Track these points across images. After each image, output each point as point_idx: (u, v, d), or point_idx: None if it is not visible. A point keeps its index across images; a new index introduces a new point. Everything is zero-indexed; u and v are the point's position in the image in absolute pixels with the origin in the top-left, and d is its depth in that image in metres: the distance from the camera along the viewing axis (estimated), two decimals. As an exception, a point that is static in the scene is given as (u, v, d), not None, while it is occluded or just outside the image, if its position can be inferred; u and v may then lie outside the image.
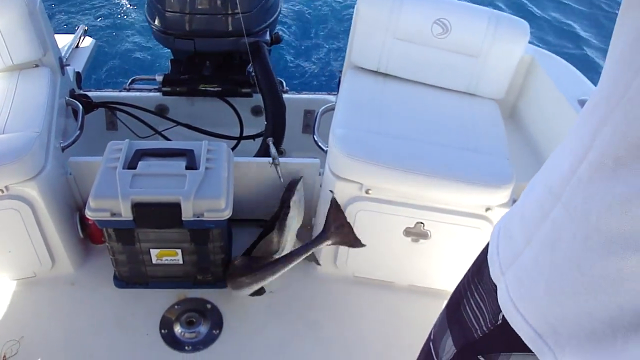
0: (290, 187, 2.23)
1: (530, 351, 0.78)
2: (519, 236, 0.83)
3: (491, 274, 0.88)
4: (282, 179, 2.24)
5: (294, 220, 2.22)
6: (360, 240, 2.05)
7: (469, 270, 1.00)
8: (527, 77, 2.65)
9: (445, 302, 1.08)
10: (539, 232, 0.77)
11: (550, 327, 0.74)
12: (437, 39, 2.33)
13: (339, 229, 2.04)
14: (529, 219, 0.81)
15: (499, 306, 0.84)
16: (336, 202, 2.04)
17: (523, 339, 0.79)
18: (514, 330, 0.81)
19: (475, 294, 0.93)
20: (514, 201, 2.05)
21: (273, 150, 2.24)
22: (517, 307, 0.80)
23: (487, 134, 2.23)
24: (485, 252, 0.93)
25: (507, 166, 2.05)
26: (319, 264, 2.32)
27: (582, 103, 2.30)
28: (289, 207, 2.18)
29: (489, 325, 0.88)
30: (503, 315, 0.84)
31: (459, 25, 2.31)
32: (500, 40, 2.30)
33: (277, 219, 2.18)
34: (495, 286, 0.86)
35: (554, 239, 0.73)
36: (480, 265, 0.93)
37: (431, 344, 1.09)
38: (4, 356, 1.99)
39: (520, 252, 0.81)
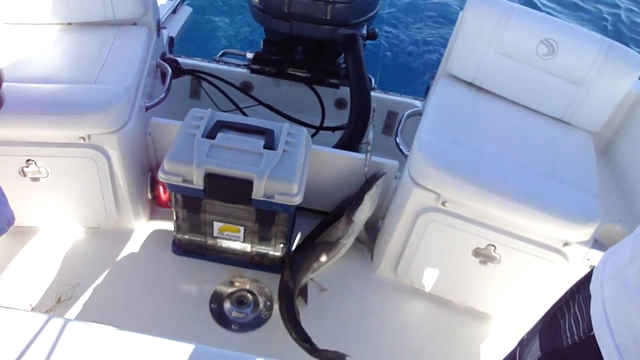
0: (370, 180, 2.18)
1: None
2: (626, 252, 0.85)
3: (591, 284, 0.90)
4: (367, 168, 2.19)
5: (363, 214, 2.16)
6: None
7: (576, 282, 1.01)
8: (630, 113, 2.49)
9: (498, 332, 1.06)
10: None
11: (637, 348, 0.74)
12: (541, 59, 2.22)
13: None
14: None
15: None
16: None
17: (602, 353, 0.79)
18: None
19: (576, 304, 0.94)
20: (596, 241, 1.94)
21: (371, 134, 2.19)
22: (608, 320, 0.81)
23: (576, 166, 2.10)
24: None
25: (593, 203, 1.93)
26: (372, 257, 2.33)
27: None
28: (361, 199, 2.13)
29: (581, 335, 0.88)
30: None
31: (567, 48, 2.19)
32: (608, 70, 2.17)
33: (346, 207, 2.14)
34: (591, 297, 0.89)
35: None
36: (587, 278, 0.95)
37: (518, 348, 1.08)
38: (59, 298, 2.03)
39: (623, 268, 0.83)
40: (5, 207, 1.62)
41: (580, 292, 0.94)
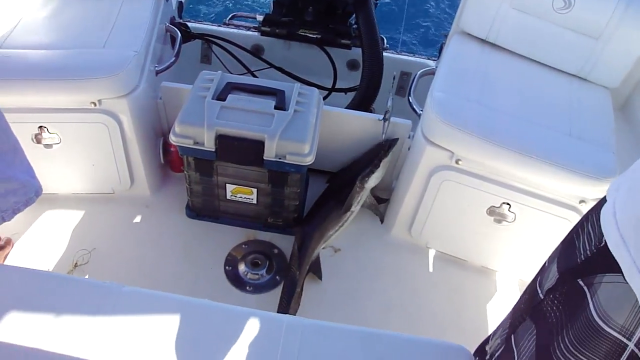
0: (385, 147, 2.17)
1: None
2: None
3: (607, 191, 0.92)
4: (384, 136, 2.19)
5: (375, 180, 2.16)
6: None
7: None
8: None
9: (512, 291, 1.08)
10: None
11: (637, 233, 0.77)
12: (557, 13, 2.15)
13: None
14: None
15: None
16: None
17: (609, 245, 0.82)
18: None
19: (589, 223, 0.95)
20: (613, 198, 1.91)
21: (390, 103, 2.15)
22: (615, 213, 0.84)
23: (593, 123, 2.06)
24: None
25: (611, 160, 1.89)
26: (382, 220, 2.35)
27: None
28: (377, 166, 2.13)
29: (593, 249, 0.90)
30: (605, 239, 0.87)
31: (584, 0, 2.13)
32: (627, 23, 2.10)
33: (357, 175, 2.14)
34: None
35: None
36: (602, 201, 0.96)
37: (538, 276, 1.10)
38: (76, 263, 2.06)
39: (637, 168, 0.87)
40: (33, 178, 1.63)
41: (594, 211, 0.94)
